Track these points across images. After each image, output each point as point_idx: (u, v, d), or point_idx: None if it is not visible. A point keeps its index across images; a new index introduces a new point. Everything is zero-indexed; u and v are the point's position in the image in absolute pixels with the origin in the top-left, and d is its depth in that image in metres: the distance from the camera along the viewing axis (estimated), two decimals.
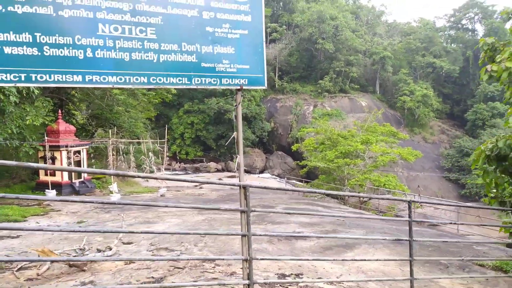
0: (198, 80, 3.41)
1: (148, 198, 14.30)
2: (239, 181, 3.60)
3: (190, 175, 42.94)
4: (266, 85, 3.88)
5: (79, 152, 14.97)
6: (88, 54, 3.02)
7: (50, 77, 2.94)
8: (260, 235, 3.85)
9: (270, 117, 54.84)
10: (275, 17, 61.66)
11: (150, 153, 13.35)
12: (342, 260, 4.57)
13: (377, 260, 4.94)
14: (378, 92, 61.85)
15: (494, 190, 5.54)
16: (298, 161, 27.80)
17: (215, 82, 3.49)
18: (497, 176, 5.05)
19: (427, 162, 50.61)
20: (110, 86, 3.19)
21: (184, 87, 3.40)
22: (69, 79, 3.01)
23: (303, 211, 11.01)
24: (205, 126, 50.67)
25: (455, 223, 9.73)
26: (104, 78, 3.10)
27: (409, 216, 4.16)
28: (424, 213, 25.61)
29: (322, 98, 55.79)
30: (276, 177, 47.89)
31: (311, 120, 49.05)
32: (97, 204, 11.99)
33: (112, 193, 13.03)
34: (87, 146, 15.34)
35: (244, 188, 3.40)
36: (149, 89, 17.36)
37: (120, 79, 3.14)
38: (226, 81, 3.55)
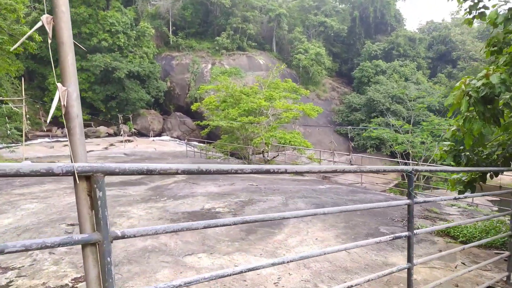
0: None
1: None
2: (71, 151, 1.36)
3: None
4: None
5: None
6: None
7: None
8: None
9: (166, 76, 51.10)
10: None
11: None
12: (289, 261, 2.86)
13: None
14: (275, 50, 61.95)
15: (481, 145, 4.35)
16: (198, 121, 25.73)
17: None
18: (482, 124, 3.84)
19: (321, 118, 52.98)
20: None
21: None
22: None
23: (211, 180, 9.22)
24: (91, 86, 44.82)
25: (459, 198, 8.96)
26: None
27: (409, 196, 2.46)
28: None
29: (220, 55, 53.81)
30: (176, 139, 45.48)
31: (210, 79, 46.89)
32: None
33: None
34: None
35: (89, 178, 1.29)
36: None
37: None
38: None
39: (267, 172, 1.70)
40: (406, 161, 20.51)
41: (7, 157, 14.64)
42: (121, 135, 27.74)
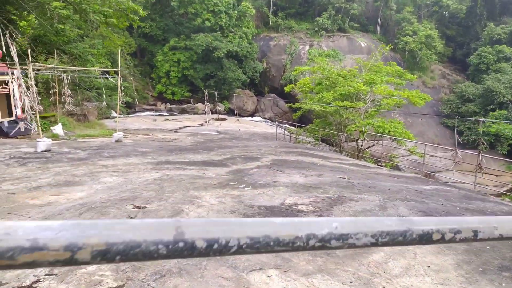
0: None
1: (98, 144, 11.39)
2: None
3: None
4: None
5: (6, 82, 11.60)
6: None
7: None
8: None
9: (263, 57, 51.06)
10: None
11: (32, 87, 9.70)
12: None
13: None
14: (379, 32, 57.65)
15: None
16: (291, 104, 24.86)
17: None
18: None
19: (425, 107, 48.17)
20: None
21: None
22: None
23: (298, 168, 8.27)
24: (192, 65, 46.83)
25: None
26: None
27: None
28: (426, 163, 23.42)
29: (318, 37, 51.84)
30: (268, 120, 45.53)
31: (306, 62, 45.51)
32: (15, 151, 9.06)
33: (49, 137, 10.07)
34: (19, 75, 11.74)
35: None
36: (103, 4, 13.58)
37: None
38: None
39: None
40: None
41: (109, 127, 15.62)
42: (205, 113, 28.24)
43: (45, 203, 4.97)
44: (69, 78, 12.18)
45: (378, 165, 17.65)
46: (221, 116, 41.45)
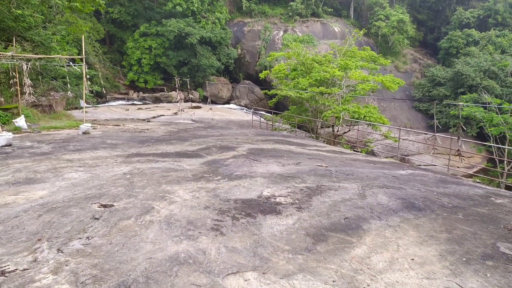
0: None
1: (63, 136, 10.73)
2: None
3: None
4: None
5: None
6: None
7: None
8: None
9: (237, 43, 50.31)
10: None
11: None
12: None
13: None
14: (352, 17, 57.87)
15: None
16: (266, 90, 24.58)
17: None
18: None
19: (398, 92, 49.21)
20: None
21: None
22: None
23: (274, 157, 8.02)
24: (165, 52, 45.56)
25: None
26: None
27: None
28: (400, 147, 23.85)
29: (293, 22, 51.56)
30: (243, 107, 45.16)
31: (281, 47, 45.20)
32: None
33: (10, 130, 9.38)
34: None
35: None
36: None
37: None
38: None
39: None
40: (500, 146, 17.38)
41: (77, 118, 14.87)
42: (178, 102, 27.48)
43: (1, 205, 4.52)
44: (29, 66, 11.43)
45: (354, 150, 17.72)
46: (195, 104, 40.76)
